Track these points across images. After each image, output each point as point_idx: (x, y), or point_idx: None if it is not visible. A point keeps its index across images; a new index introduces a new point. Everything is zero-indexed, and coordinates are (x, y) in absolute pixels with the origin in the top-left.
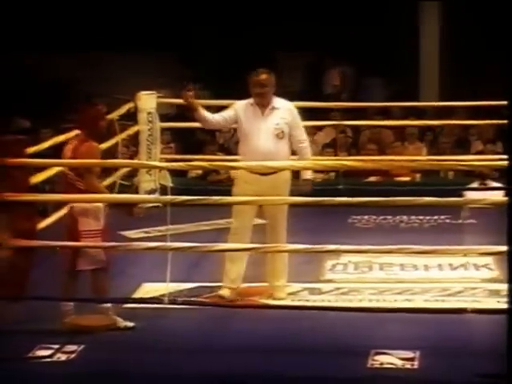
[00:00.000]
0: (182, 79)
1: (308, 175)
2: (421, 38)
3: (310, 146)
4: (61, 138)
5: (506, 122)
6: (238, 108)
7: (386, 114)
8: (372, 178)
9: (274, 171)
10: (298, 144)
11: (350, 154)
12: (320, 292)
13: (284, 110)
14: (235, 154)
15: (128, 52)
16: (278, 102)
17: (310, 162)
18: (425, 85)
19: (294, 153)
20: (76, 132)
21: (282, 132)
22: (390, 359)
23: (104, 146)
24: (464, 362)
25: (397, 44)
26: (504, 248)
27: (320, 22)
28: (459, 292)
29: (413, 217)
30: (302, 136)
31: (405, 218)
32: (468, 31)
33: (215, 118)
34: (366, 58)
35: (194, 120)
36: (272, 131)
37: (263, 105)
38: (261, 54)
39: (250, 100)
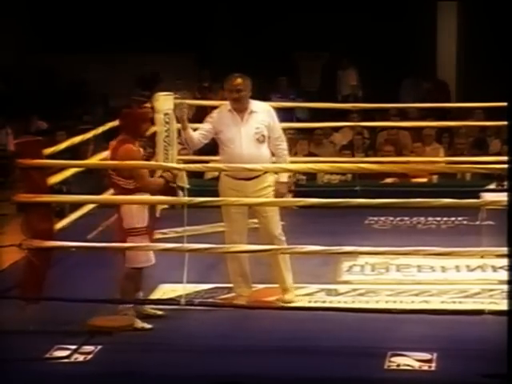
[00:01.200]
0: (199, 80)
1: (284, 178)
2: (438, 38)
3: (328, 146)
4: (77, 139)
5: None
6: (215, 119)
7: (403, 115)
8: (389, 180)
9: (258, 175)
10: (276, 145)
11: (367, 156)
12: (337, 293)
13: (262, 112)
14: None
15: (146, 53)
16: (256, 106)
17: (327, 165)
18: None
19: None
20: (93, 132)
21: (263, 136)
22: (407, 361)
23: None
24: (481, 364)
25: (414, 44)
26: None
27: (337, 22)
28: (477, 294)
29: (430, 218)
30: (280, 137)
31: (422, 219)
32: (486, 31)
33: (199, 138)
34: (384, 59)
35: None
36: (253, 136)
37: (241, 110)
38: (279, 54)
39: (227, 106)
